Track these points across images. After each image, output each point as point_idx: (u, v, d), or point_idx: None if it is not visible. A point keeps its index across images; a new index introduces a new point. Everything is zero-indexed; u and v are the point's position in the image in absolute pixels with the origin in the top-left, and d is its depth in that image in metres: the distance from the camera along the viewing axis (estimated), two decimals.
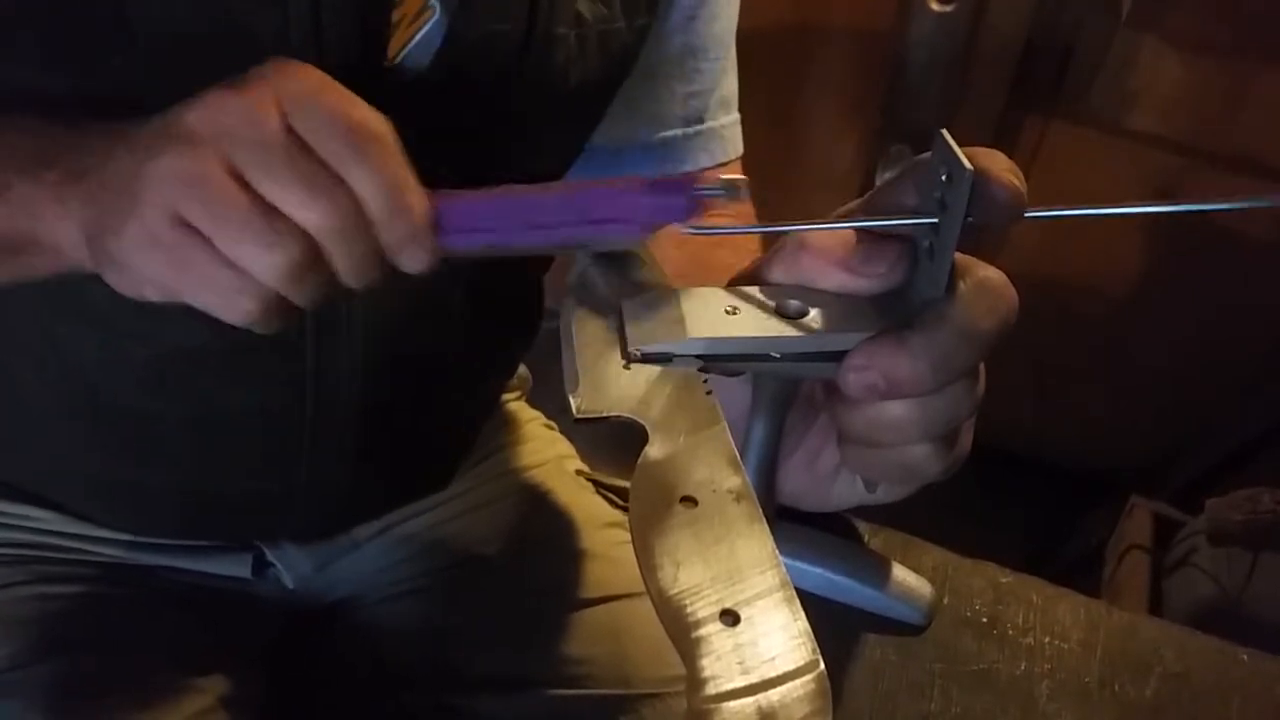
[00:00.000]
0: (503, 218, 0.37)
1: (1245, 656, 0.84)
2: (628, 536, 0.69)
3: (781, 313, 0.34)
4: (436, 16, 0.46)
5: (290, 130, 0.34)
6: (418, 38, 0.46)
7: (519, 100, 0.51)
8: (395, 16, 0.45)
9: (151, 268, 0.36)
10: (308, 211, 0.34)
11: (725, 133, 0.64)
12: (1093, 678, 0.81)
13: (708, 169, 0.64)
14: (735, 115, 0.65)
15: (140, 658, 0.58)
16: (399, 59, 0.46)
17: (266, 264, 0.34)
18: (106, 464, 0.57)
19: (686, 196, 0.36)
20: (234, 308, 0.36)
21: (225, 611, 0.64)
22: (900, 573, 0.85)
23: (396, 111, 0.46)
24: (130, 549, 0.62)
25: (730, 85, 0.64)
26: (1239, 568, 1.18)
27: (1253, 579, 1.17)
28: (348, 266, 0.36)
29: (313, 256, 0.35)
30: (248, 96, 0.34)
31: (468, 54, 0.47)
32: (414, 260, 0.36)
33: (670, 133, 0.62)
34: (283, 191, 0.34)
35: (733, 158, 0.65)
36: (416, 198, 0.35)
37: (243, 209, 0.33)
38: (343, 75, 0.44)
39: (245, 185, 0.34)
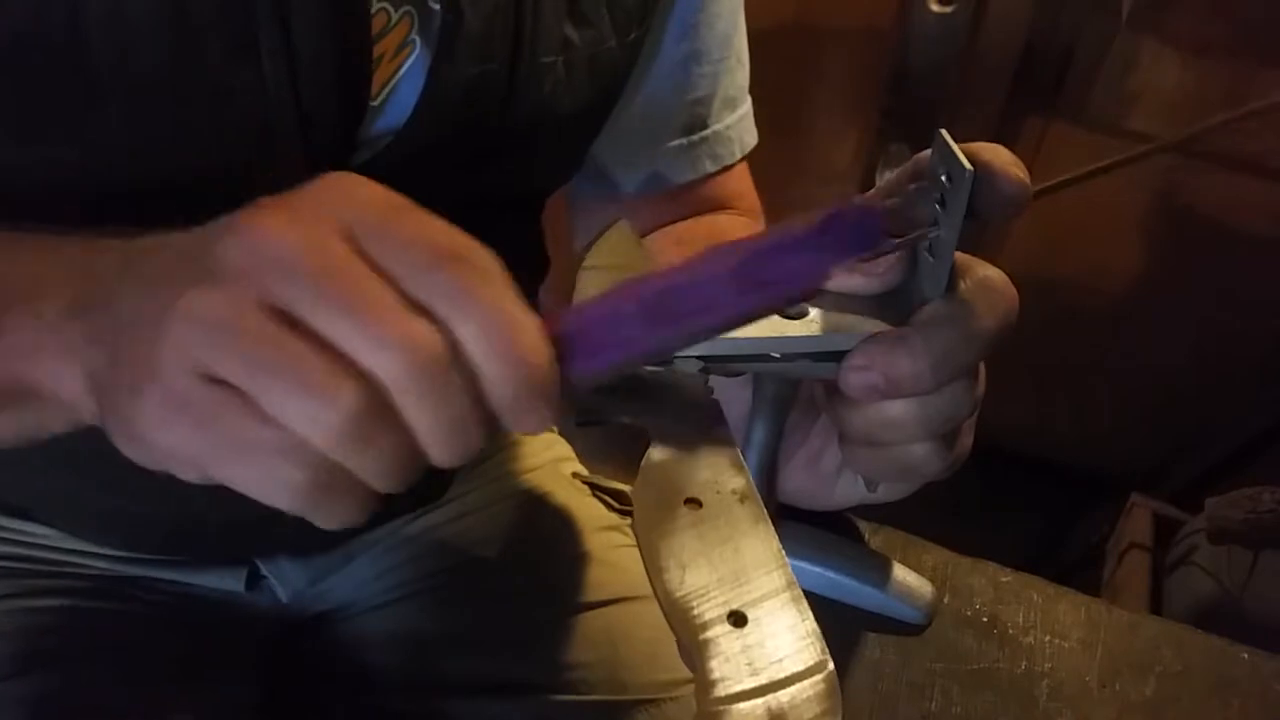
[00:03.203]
0: (649, 320, 0.30)
1: (1246, 655, 0.84)
2: (624, 540, 0.70)
3: (781, 313, 0.34)
4: (418, 51, 0.45)
5: (359, 257, 0.27)
6: (401, 73, 0.45)
7: (509, 130, 0.49)
8: (376, 52, 0.44)
9: (175, 438, 0.28)
10: (378, 351, 0.26)
11: (730, 133, 0.63)
12: (1093, 677, 0.81)
13: (713, 174, 0.63)
14: (741, 109, 0.64)
15: (129, 669, 0.57)
16: (383, 97, 0.45)
17: (319, 418, 0.26)
18: (92, 495, 0.56)
19: (871, 222, 0.30)
20: (276, 476, 0.27)
21: (217, 622, 0.63)
22: (900, 572, 0.85)
23: (384, 150, 0.46)
24: (120, 562, 0.61)
25: (735, 81, 0.63)
26: (1239, 566, 1.18)
27: (1253, 578, 1.17)
28: (430, 426, 0.27)
29: (381, 411, 0.27)
30: (299, 219, 0.27)
31: (453, 89, 0.46)
32: (536, 419, 0.28)
33: (674, 142, 0.61)
34: (344, 325, 0.26)
35: (739, 157, 0.64)
36: (532, 335, 0.27)
37: (290, 351, 0.26)
38: (325, 120, 0.43)
39: (295, 326, 0.26)
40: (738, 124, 0.64)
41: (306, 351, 0.26)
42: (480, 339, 0.27)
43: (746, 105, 0.65)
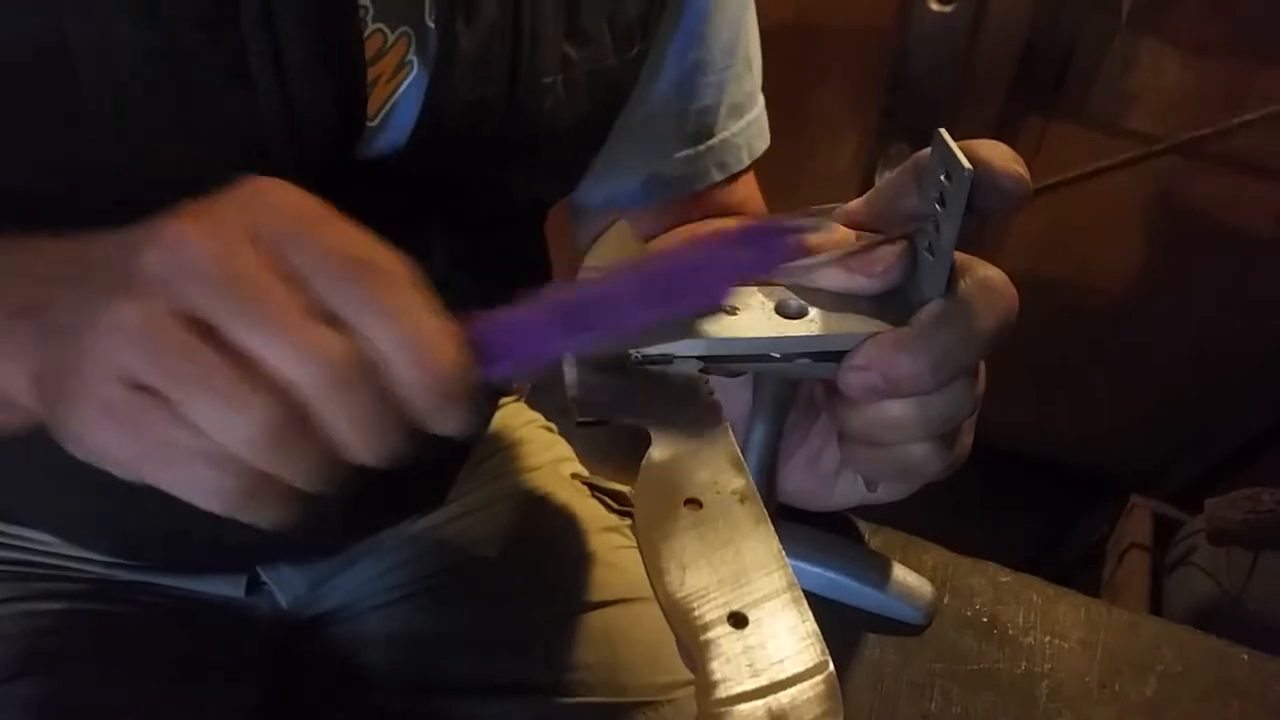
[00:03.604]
0: (560, 327, 0.31)
1: (1245, 656, 0.84)
2: (624, 541, 0.70)
3: (781, 313, 0.34)
4: (415, 72, 0.45)
5: (275, 268, 0.27)
6: (398, 94, 0.45)
7: (508, 146, 0.49)
8: (372, 74, 0.43)
9: (106, 441, 0.29)
10: (293, 362, 0.27)
11: (737, 140, 0.62)
12: (1093, 677, 0.82)
13: (719, 183, 0.63)
14: (749, 115, 0.63)
15: (130, 671, 0.57)
16: (380, 118, 0.45)
17: (235, 427, 0.27)
18: (85, 506, 0.56)
19: (778, 242, 0.31)
20: (202, 485, 0.28)
21: (217, 624, 0.63)
22: (900, 572, 0.85)
23: (382, 171, 0.45)
24: (118, 568, 0.61)
25: (742, 88, 0.61)
26: (1239, 567, 1.18)
27: (1253, 578, 1.17)
28: (348, 431, 0.28)
29: (297, 420, 0.27)
30: (219, 230, 0.28)
31: (451, 110, 0.45)
32: (448, 419, 0.29)
33: (679, 153, 0.60)
34: (259, 337, 0.27)
35: (746, 164, 0.63)
36: (443, 341, 0.28)
37: (205, 363, 0.27)
38: (321, 143, 0.42)
39: (212, 336, 0.27)
40: (745, 130, 0.63)
41: (221, 363, 0.27)
42: (392, 346, 0.28)
43: (755, 110, 0.63)
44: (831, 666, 0.29)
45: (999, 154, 0.31)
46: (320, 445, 0.28)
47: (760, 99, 0.64)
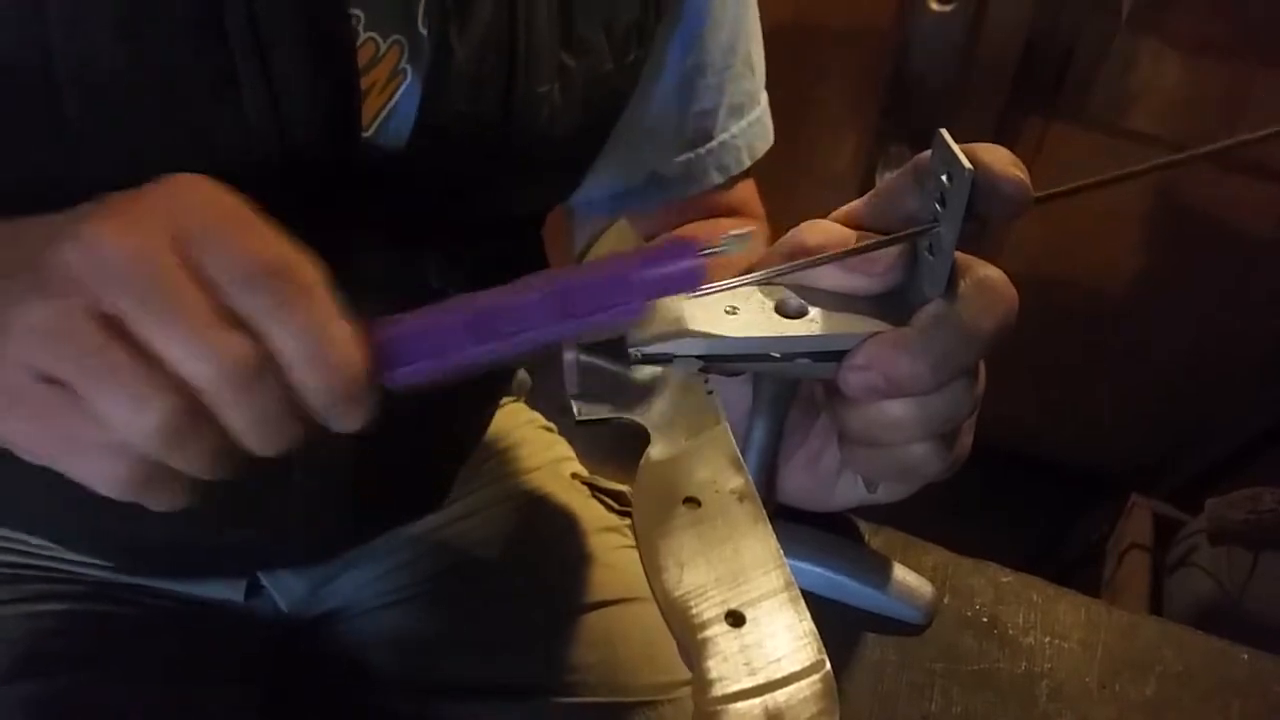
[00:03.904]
0: (467, 334, 0.31)
1: (1246, 656, 0.84)
2: (623, 541, 0.70)
3: (781, 312, 0.34)
4: (409, 81, 0.44)
5: (184, 267, 0.28)
6: (392, 104, 0.45)
7: (505, 155, 0.49)
8: (365, 84, 0.43)
9: (13, 429, 0.30)
10: (193, 361, 0.28)
11: (737, 141, 0.62)
12: (1093, 677, 0.81)
13: (719, 186, 0.62)
14: (750, 115, 0.62)
15: (128, 673, 0.57)
16: (375, 127, 0.45)
17: (135, 422, 0.28)
18: (81, 517, 0.56)
19: (690, 263, 0.31)
20: (102, 473, 0.30)
21: (216, 627, 0.63)
22: (901, 572, 0.85)
23: (377, 180, 0.45)
24: (118, 572, 0.61)
25: (742, 88, 0.61)
26: (1239, 567, 1.18)
27: (1253, 578, 1.17)
28: (245, 428, 0.30)
29: (195, 415, 0.29)
30: (135, 228, 0.28)
31: (445, 120, 0.45)
32: (347, 419, 0.31)
33: (680, 157, 0.60)
34: (163, 336, 0.28)
35: (746, 165, 0.63)
36: (346, 347, 0.30)
37: (111, 359, 0.28)
38: (314, 154, 0.42)
39: (122, 333, 0.28)
40: (745, 131, 0.62)
41: (126, 359, 0.28)
42: (293, 348, 0.29)
43: (757, 110, 0.63)
44: (828, 665, 0.29)
45: (999, 158, 0.31)
46: (217, 439, 0.30)
47: (763, 98, 0.64)
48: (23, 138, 0.39)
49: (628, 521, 0.71)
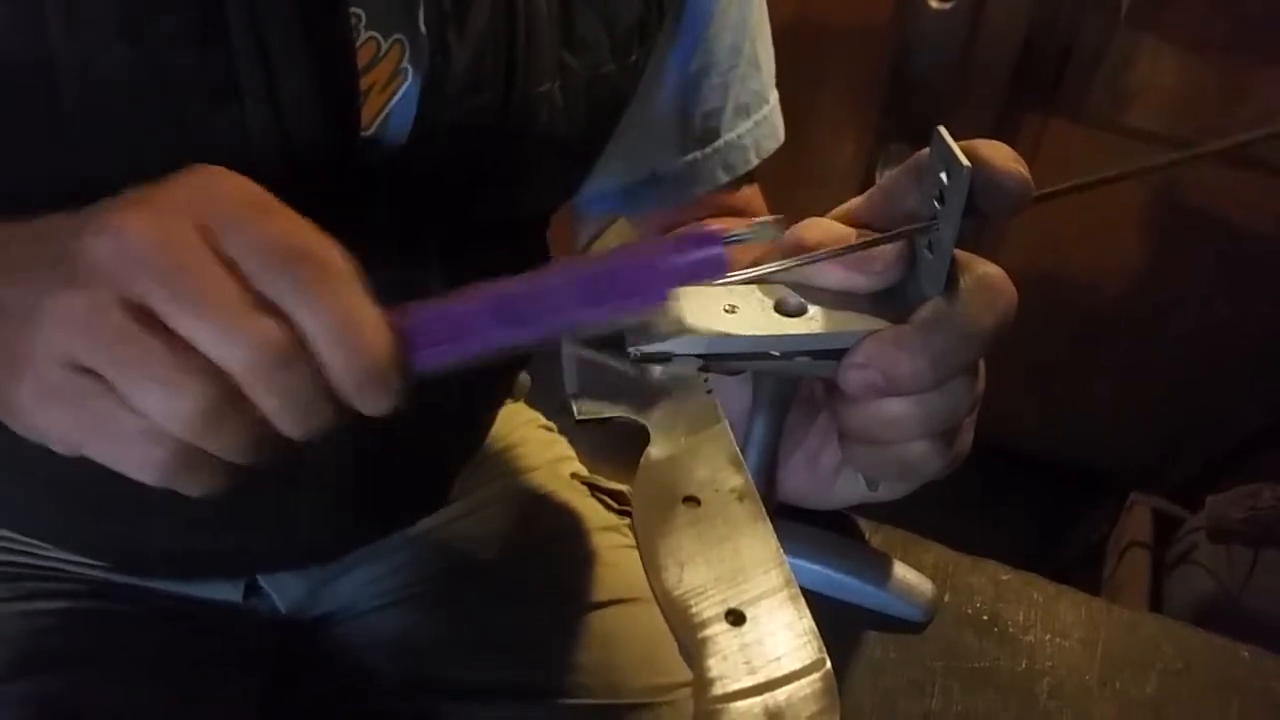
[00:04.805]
0: (493, 318, 0.32)
1: (1246, 654, 0.84)
2: (622, 541, 0.70)
3: (781, 311, 0.34)
4: (410, 81, 0.44)
5: (214, 256, 0.29)
6: (393, 104, 0.44)
7: (506, 156, 0.49)
8: (365, 84, 0.43)
9: (49, 420, 0.31)
10: (226, 346, 0.28)
11: (744, 141, 0.61)
12: (1093, 675, 0.81)
13: (725, 186, 0.62)
14: (757, 115, 0.62)
15: (125, 673, 0.57)
16: (374, 128, 0.44)
17: (170, 408, 0.29)
18: (80, 520, 0.57)
19: (716, 250, 0.31)
20: (139, 459, 0.30)
21: (215, 626, 0.63)
22: (901, 570, 0.85)
23: (377, 181, 0.45)
24: (116, 572, 0.61)
25: (748, 88, 0.61)
26: (1240, 564, 1.18)
27: (1253, 576, 1.17)
28: (278, 411, 0.30)
29: (230, 400, 0.29)
30: (161, 218, 0.29)
31: (445, 121, 0.45)
32: (375, 401, 0.31)
33: (686, 157, 0.60)
34: (195, 323, 0.28)
35: (754, 164, 0.63)
36: (374, 331, 0.30)
37: (144, 347, 0.28)
38: (314, 154, 0.42)
39: (153, 321, 0.29)
40: (753, 130, 0.62)
41: (160, 347, 0.28)
42: (324, 333, 0.29)
43: (765, 109, 0.62)
44: (828, 664, 0.29)
45: (999, 154, 0.31)
46: (251, 423, 0.30)
47: (772, 96, 0.63)
48: (22, 136, 0.39)
49: (627, 521, 0.71)
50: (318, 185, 0.43)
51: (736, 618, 0.29)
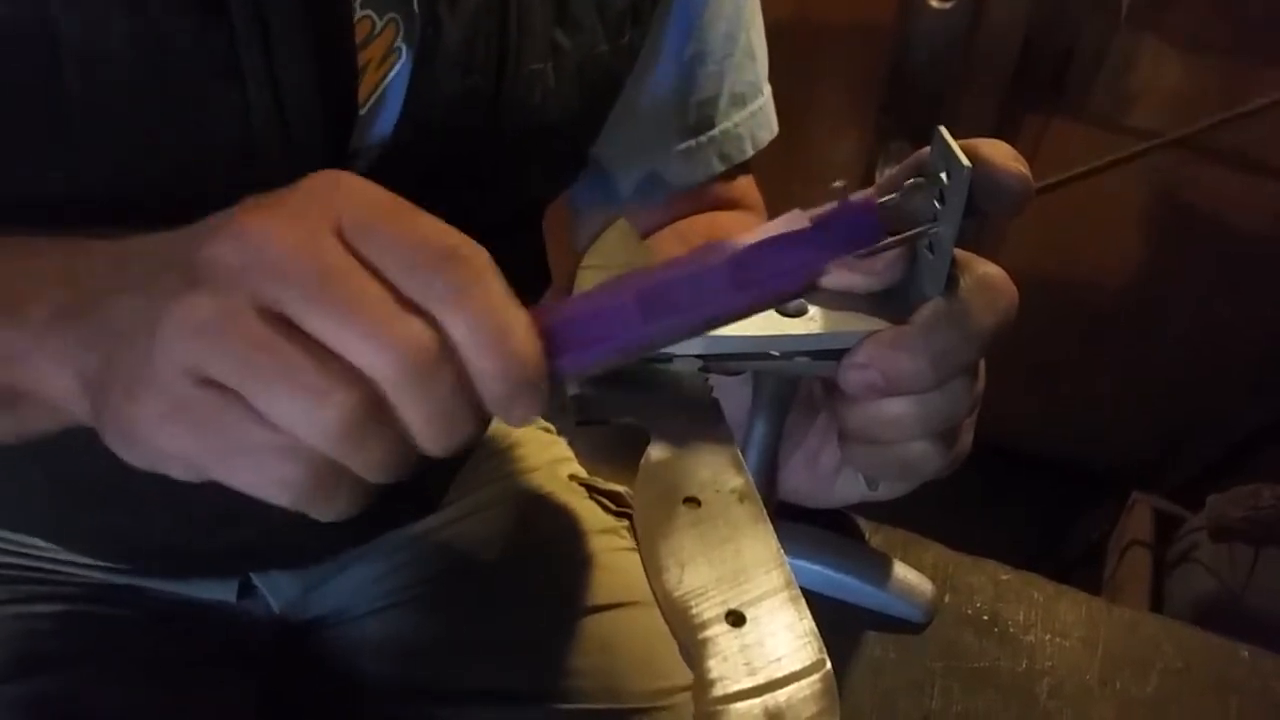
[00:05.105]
0: (639, 311, 0.30)
1: (1246, 653, 0.84)
2: (621, 544, 0.70)
3: (781, 311, 0.34)
4: (404, 60, 0.44)
5: (353, 258, 0.27)
6: (387, 81, 0.44)
7: (499, 137, 0.48)
8: (361, 60, 0.43)
9: (172, 440, 0.28)
10: (375, 353, 0.26)
11: (739, 130, 0.61)
12: (1094, 675, 0.81)
13: (719, 177, 0.62)
14: (752, 105, 0.62)
15: (122, 674, 0.57)
16: (369, 106, 0.44)
17: (313, 420, 0.26)
18: (80, 514, 0.56)
19: (868, 218, 0.30)
20: (275, 478, 0.28)
21: (209, 628, 0.63)
22: (901, 570, 0.85)
23: (371, 166, 0.45)
24: (113, 572, 0.61)
25: (743, 77, 0.61)
26: (1240, 564, 1.18)
27: (1254, 575, 1.17)
28: (424, 422, 0.28)
29: (375, 411, 0.27)
30: (295, 221, 0.27)
31: (437, 99, 0.45)
32: (523, 409, 0.29)
33: (680, 145, 0.60)
34: (340, 328, 0.26)
35: (749, 154, 0.63)
36: (523, 332, 0.28)
37: (283, 354, 0.26)
38: (310, 133, 0.42)
39: (290, 328, 0.27)
40: (748, 120, 0.62)
41: (300, 354, 0.26)
42: (471, 337, 0.27)
43: (760, 99, 0.63)
44: (829, 665, 0.29)
45: (1000, 153, 0.31)
46: (394, 435, 0.28)
47: (766, 88, 0.63)
48: (24, 112, 0.39)
49: (626, 523, 0.71)
50: (312, 164, 0.43)
51: (737, 619, 0.29)
